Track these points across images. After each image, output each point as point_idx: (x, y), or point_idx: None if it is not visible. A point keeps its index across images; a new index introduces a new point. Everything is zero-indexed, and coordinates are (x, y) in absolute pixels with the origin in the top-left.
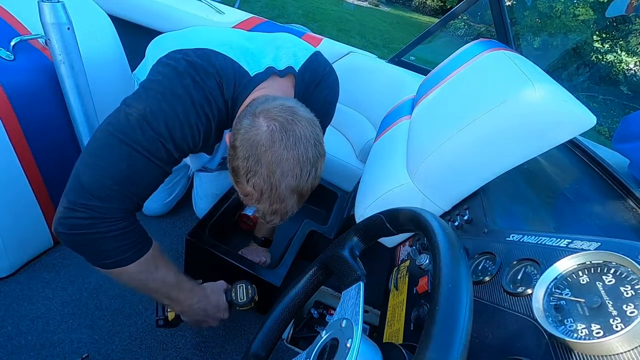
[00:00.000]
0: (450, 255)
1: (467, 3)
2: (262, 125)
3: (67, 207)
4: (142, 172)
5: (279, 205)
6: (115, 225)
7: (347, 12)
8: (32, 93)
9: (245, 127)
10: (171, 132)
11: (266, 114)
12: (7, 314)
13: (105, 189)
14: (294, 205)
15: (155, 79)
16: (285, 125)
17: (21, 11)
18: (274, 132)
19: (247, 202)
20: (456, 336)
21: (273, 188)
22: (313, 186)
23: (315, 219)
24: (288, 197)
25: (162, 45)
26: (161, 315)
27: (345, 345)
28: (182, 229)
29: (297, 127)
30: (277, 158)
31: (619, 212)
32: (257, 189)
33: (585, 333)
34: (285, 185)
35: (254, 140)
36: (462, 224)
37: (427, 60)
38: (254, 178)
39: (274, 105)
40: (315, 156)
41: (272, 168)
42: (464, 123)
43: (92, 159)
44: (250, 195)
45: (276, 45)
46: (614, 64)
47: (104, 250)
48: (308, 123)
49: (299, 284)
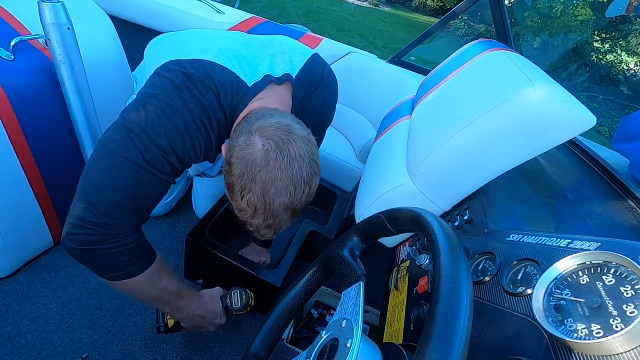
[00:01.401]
0: (450, 255)
1: (467, 3)
2: (257, 144)
3: (76, 224)
4: (148, 187)
5: (272, 220)
6: (123, 240)
7: (347, 12)
8: (32, 93)
9: (241, 145)
10: (173, 147)
11: (262, 132)
12: (7, 314)
13: (114, 208)
14: (288, 220)
15: (154, 93)
16: (280, 145)
17: (21, 11)
18: (268, 152)
19: (242, 217)
20: (456, 336)
21: (267, 205)
22: (307, 202)
23: (315, 219)
24: (282, 214)
25: (160, 47)
26: (161, 322)
27: (345, 345)
28: (182, 229)
29: (292, 146)
30: (272, 177)
31: (619, 212)
32: (251, 206)
33: (585, 333)
34: (279, 203)
35: (248, 158)
36: (462, 224)
37: (427, 60)
38: (248, 195)
39: (270, 123)
40: (310, 175)
41: (266, 187)
42: (464, 123)
43: (98, 178)
44: (244, 211)
45: (272, 52)
46: (614, 64)
47: (111, 263)
48: (303, 142)
49: (299, 284)
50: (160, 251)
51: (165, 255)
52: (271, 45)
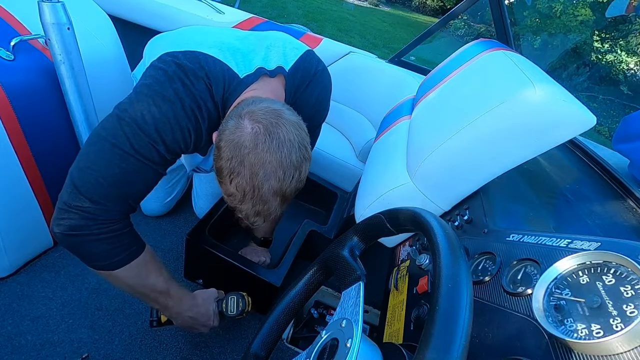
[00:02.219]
0: (450, 255)
1: (467, 3)
2: (246, 127)
3: (62, 209)
4: (135, 175)
5: (261, 207)
6: (107, 227)
7: (347, 12)
8: (32, 93)
9: (230, 129)
10: (162, 135)
11: (251, 115)
12: (7, 314)
13: (98, 192)
14: (277, 207)
15: (146, 83)
16: (269, 128)
17: (21, 11)
18: (257, 135)
19: (231, 203)
20: (456, 336)
21: (255, 190)
22: (297, 189)
23: (315, 219)
24: (271, 199)
25: (157, 45)
26: (154, 317)
27: (345, 345)
28: (182, 229)
29: (281, 130)
30: (260, 160)
31: (619, 212)
32: (239, 190)
33: (585, 333)
34: (268, 187)
35: (237, 141)
36: (462, 224)
37: (427, 60)
38: (237, 179)
39: (260, 108)
40: (299, 160)
41: (254, 170)
42: (464, 123)
43: (85, 163)
44: (233, 196)
45: (267, 45)
46: (614, 64)
47: (94, 252)
48: (293, 126)
49: (299, 284)
50: (160, 251)
51: (165, 255)
52: (266, 39)
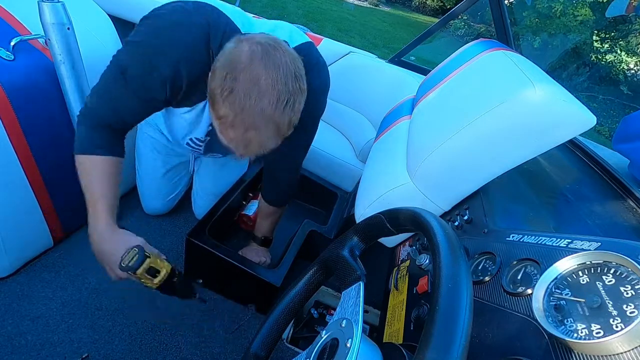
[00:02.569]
0: (450, 255)
1: (467, 3)
2: (244, 47)
3: None
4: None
5: (253, 132)
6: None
7: (347, 12)
8: (32, 93)
9: (228, 50)
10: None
11: (251, 39)
12: (7, 314)
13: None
14: (270, 138)
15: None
16: (267, 49)
17: (21, 11)
18: (255, 52)
19: (221, 129)
20: (456, 336)
21: (248, 109)
22: (290, 122)
23: (315, 219)
24: (263, 126)
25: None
26: None
27: (345, 345)
28: (182, 229)
29: (278, 53)
30: (255, 76)
31: (619, 212)
32: (231, 109)
33: (585, 333)
34: (261, 109)
35: (233, 59)
36: (462, 224)
37: (427, 60)
38: (230, 97)
39: (259, 34)
40: (295, 88)
41: (249, 87)
42: (464, 123)
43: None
44: (224, 118)
45: (273, 25)
46: (614, 64)
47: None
48: (291, 56)
49: (299, 284)
50: (161, 251)
51: (166, 255)
52: (273, 22)
